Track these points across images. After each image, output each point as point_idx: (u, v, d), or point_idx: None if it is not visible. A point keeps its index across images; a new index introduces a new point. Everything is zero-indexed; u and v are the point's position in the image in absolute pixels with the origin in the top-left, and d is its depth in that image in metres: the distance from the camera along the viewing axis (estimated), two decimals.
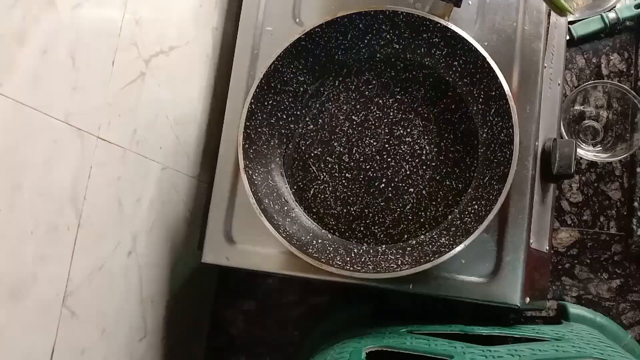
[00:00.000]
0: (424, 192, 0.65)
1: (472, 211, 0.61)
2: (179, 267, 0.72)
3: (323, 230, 0.67)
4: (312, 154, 0.68)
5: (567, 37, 0.76)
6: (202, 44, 0.73)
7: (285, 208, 0.66)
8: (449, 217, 0.64)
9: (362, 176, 0.67)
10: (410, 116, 0.67)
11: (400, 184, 0.66)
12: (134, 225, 0.61)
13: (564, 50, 0.71)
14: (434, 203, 0.65)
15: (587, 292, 0.77)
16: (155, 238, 0.65)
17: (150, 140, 0.62)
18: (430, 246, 0.62)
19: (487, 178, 0.62)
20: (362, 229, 0.66)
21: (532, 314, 0.76)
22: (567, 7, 0.65)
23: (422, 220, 0.65)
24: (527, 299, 0.61)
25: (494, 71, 0.60)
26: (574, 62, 0.82)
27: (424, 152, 0.66)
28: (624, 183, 0.78)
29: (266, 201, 0.64)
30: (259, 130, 0.66)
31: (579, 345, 0.54)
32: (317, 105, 0.69)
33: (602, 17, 0.80)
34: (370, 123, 0.68)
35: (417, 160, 0.66)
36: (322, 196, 0.67)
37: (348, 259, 0.62)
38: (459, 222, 0.62)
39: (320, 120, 0.69)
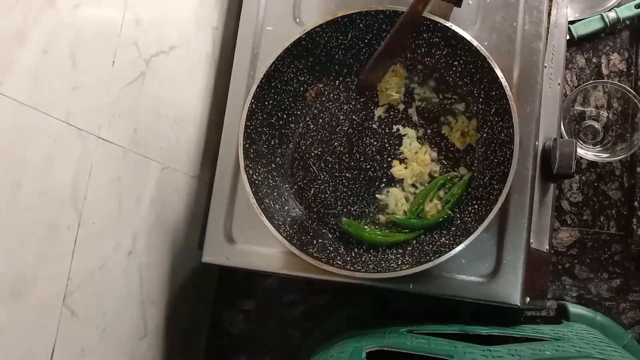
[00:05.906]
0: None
1: (472, 211, 0.61)
2: (179, 267, 0.71)
3: (323, 230, 0.67)
4: (313, 154, 0.68)
5: (567, 37, 0.76)
6: (203, 43, 0.73)
7: (286, 207, 0.66)
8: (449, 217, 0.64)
9: (362, 176, 0.67)
10: (410, 116, 0.67)
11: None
12: (134, 225, 0.61)
13: (564, 50, 0.71)
14: None
15: (587, 291, 0.77)
16: (155, 238, 0.65)
17: (150, 140, 0.62)
18: (430, 246, 0.62)
19: (487, 178, 0.62)
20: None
21: (532, 313, 0.76)
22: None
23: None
24: (527, 299, 0.61)
25: (494, 71, 0.60)
26: (574, 61, 0.82)
27: None
28: (624, 183, 0.78)
29: (267, 201, 0.64)
30: (260, 130, 0.66)
31: (579, 345, 0.54)
32: (317, 105, 0.69)
33: (602, 17, 0.80)
34: (370, 123, 0.68)
35: None
36: (323, 196, 0.67)
37: (348, 258, 0.62)
38: (459, 222, 0.62)
39: (320, 120, 0.69)
